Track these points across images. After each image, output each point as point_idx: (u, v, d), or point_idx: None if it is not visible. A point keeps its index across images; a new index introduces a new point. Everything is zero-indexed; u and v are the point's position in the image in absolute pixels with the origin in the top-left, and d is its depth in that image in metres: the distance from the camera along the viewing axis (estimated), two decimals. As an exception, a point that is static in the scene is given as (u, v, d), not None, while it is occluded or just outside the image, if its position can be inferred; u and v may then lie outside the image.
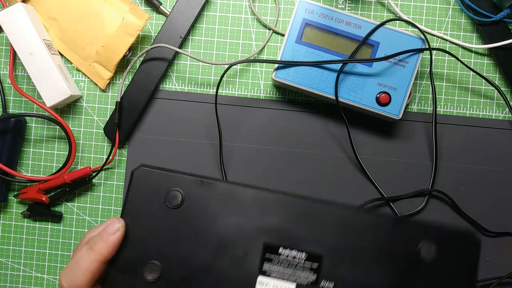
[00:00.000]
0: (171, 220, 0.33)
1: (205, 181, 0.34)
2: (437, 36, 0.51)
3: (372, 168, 0.50)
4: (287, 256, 0.33)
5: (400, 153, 0.51)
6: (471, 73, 0.51)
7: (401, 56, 0.46)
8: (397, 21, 0.51)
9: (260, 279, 0.33)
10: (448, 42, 0.51)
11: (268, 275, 0.33)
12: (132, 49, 0.52)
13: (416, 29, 0.51)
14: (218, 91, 0.52)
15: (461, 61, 0.48)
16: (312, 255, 0.33)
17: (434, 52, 0.51)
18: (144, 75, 0.51)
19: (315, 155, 0.51)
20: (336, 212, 0.33)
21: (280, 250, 0.33)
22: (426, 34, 0.51)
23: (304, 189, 0.50)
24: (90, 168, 0.50)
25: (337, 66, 0.47)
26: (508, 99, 0.51)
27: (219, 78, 0.52)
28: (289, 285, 0.33)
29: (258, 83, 0.52)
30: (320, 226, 0.33)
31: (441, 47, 0.51)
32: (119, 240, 0.33)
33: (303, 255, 0.33)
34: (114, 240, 0.33)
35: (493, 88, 0.51)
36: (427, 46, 0.46)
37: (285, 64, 0.47)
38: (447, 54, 0.51)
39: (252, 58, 0.52)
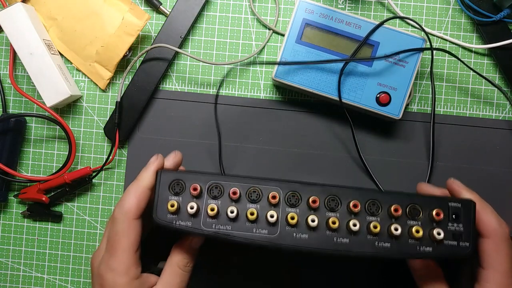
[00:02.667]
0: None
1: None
2: (437, 36, 0.51)
3: (371, 168, 0.50)
4: None
5: (400, 153, 0.51)
6: (471, 73, 0.51)
7: (401, 56, 0.46)
8: (397, 21, 0.51)
9: None
10: (448, 42, 0.51)
11: None
12: (132, 49, 0.52)
13: (416, 29, 0.51)
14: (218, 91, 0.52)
15: (461, 61, 0.48)
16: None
17: (434, 52, 0.51)
18: (144, 75, 0.51)
19: (315, 155, 0.51)
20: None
21: None
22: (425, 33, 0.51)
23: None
24: (90, 168, 0.50)
25: (338, 66, 0.47)
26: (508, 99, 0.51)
27: (219, 78, 0.52)
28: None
29: (258, 83, 0.52)
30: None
31: (441, 47, 0.51)
32: (158, 167, 0.38)
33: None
34: (153, 167, 0.38)
35: (493, 88, 0.51)
36: (428, 45, 0.46)
37: (285, 64, 0.47)
38: (447, 54, 0.51)
39: (252, 58, 0.52)
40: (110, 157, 0.50)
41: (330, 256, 0.37)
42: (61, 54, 0.52)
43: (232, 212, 0.36)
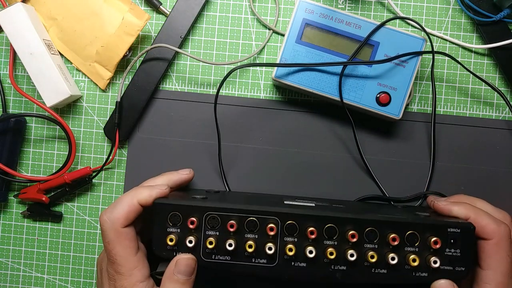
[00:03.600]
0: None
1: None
2: (437, 36, 0.51)
3: (371, 168, 0.50)
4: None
5: (400, 153, 0.51)
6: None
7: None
8: (397, 21, 0.51)
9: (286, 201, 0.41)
10: (448, 42, 0.51)
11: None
12: (132, 49, 0.52)
13: (416, 29, 0.51)
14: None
15: (461, 65, 0.49)
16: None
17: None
18: (144, 75, 0.51)
19: (315, 155, 0.51)
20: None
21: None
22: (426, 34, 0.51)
23: (304, 189, 0.50)
24: (90, 168, 0.50)
25: (338, 66, 0.47)
26: (508, 99, 0.51)
27: (219, 78, 0.52)
28: (309, 203, 0.41)
29: (258, 83, 0.52)
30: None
31: (441, 47, 0.51)
32: (160, 194, 0.39)
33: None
34: (157, 192, 0.39)
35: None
36: (428, 45, 0.46)
37: (285, 66, 0.47)
38: (447, 53, 0.51)
39: (252, 58, 0.51)
40: (110, 157, 0.50)
41: (327, 283, 0.38)
42: (61, 54, 0.52)
43: (230, 245, 0.37)
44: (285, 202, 0.42)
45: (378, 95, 0.47)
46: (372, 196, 0.50)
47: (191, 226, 0.37)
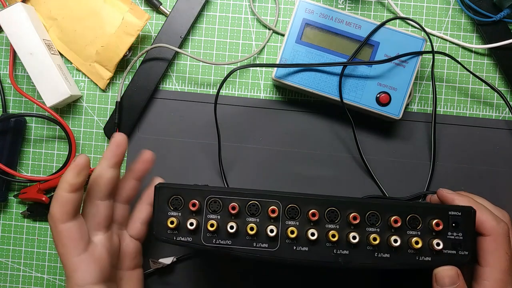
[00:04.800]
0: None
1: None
2: (437, 36, 0.51)
3: (371, 168, 0.50)
4: None
5: (400, 153, 0.51)
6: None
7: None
8: (397, 21, 0.51)
9: None
10: (448, 42, 0.51)
11: None
12: (132, 49, 0.52)
13: (416, 29, 0.51)
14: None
15: (462, 65, 0.49)
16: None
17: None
18: (144, 75, 0.51)
19: (315, 155, 0.51)
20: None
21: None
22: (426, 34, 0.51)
23: (304, 188, 0.50)
24: (90, 168, 0.50)
25: (338, 67, 0.47)
26: (508, 100, 0.51)
27: (219, 78, 0.52)
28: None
29: (258, 83, 0.52)
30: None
31: (441, 47, 0.51)
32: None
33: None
34: (69, 176, 0.37)
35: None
36: (428, 45, 0.46)
37: (284, 67, 0.47)
38: (447, 53, 0.51)
39: (252, 58, 0.51)
40: (110, 157, 0.50)
41: (330, 268, 0.37)
42: (61, 54, 0.52)
43: (232, 228, 0.37)
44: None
45: (378, 95, 0.47)
46: (372, 196, 0.50)
47: (192, 209, 0.37)
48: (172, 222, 0.37)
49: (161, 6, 0.51)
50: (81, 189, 0.38)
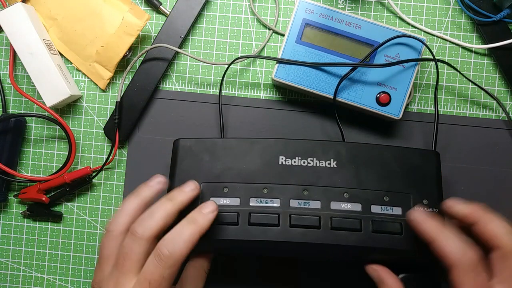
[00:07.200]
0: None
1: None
2: (437, 36, 0.51)
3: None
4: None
5: (400, 153, 0.51)
6: (471, 73, 0.51)
7: (402, 57, 0.46)
8: (397, 21, 0.51)
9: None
10: (448, 42, 0.51)
11: None
12: (132, 49, 0.52)
13: (416, 29, 0.51)
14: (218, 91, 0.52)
15: (460, 73, 0.49)
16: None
17: (434, 51, 0.51)
18: (144, 75, 0.51)
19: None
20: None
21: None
22: (427, 35, 0.51)
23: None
24: (90, 168, 0.50)
25: (338, 67, 0.47)
26: (508, 100, 0.51)
27: (219, 78, 0.52)
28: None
29: (258, 83, 0.52)
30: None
31: (441, 47, 0.51)
32: (215, 217, 0.38)
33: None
34: (212, 217, 0.38)
35: (493, 88, 0.51)
36: (429, 45, 0.46)
37: (286, 64, 0.47)
38: (447, 54, 0.51)
39: (252, 58, 0.51)
40: (110, 157, 0.50)
41: (331, 252, 0.40)
42: (61, 54, 0.52)
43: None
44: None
45: (378, 95, 0.47)
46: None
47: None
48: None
49: (161, 6, 0.51)
50: None
